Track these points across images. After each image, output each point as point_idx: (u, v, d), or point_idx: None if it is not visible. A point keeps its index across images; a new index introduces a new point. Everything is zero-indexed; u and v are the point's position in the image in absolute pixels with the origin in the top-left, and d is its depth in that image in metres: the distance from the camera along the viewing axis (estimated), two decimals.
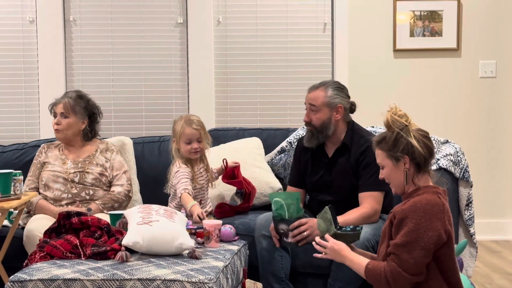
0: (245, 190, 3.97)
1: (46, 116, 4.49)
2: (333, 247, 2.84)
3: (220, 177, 4.00)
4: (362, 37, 5.07)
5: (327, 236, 2.89)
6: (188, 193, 3.64)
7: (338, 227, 2.93)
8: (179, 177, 3.72)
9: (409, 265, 2.61)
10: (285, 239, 3.34)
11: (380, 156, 2.78)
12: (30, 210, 3.95)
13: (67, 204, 3.90)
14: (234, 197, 4.11)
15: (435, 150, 2.79)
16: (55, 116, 4.02)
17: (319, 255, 2.93)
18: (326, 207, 3.00)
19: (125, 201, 3.99)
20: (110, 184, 4.05)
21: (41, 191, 3.98)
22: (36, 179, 4.01)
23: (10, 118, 5.05)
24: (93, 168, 4.01)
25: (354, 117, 3.74)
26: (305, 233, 3.30)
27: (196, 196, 3.78)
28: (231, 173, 3.95)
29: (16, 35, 5.04)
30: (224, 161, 3.93)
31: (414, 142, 2.69)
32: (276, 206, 3.31)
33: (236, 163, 3.95)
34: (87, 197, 3.96)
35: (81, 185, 3.96)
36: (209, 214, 3.86)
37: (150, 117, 5.10)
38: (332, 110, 3.59)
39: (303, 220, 3.31)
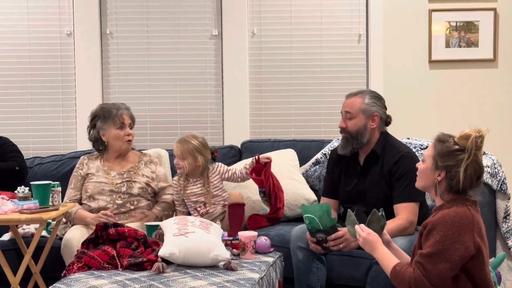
0: (267, 190, 3.96)
1: (83, 128, 4.55)
2: (368, 237, 2.85)
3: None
4: (397, 48, 5.04)
5: (362, 226, 2.91)
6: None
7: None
8: None
9: (433, 275, 2.60)
10: (324, 244, 3.33)
11: (429, 151, 2.77)
12: (69, 221, 3.99)
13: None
14: (263, 205, 4.10)
15: (476, 189, 2.74)
16: (121, 128, 4.05)
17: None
18: (348, 210, 3.02)
19: (171, 210, 4.04)
20: (154, 194, 4.09)
21: (85, 202, 4.01)
22: (79, 191, 4.04)
23: (48, 130, 5.11)
24: (139, 178, 4.04)
25: (389, 128, 3.73)
26: (341, 245, 3.29)
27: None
28: (260, 169, 3.95)
29: (54, 48, 5.10)
30: (256, 156, 3.94)
31: (461, 172, 2.67)
32: (309, 220, 3.30)
33: (268, 158, 3.95)
34: (132, 207, 3.99)
35: (127, 195, 3.99)
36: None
37: (185, 129, 5.11)
38: (368, 118, 3.59)
39: (340, 233, 3.29)
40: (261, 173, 3.91)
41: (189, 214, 4.00)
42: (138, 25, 5.13)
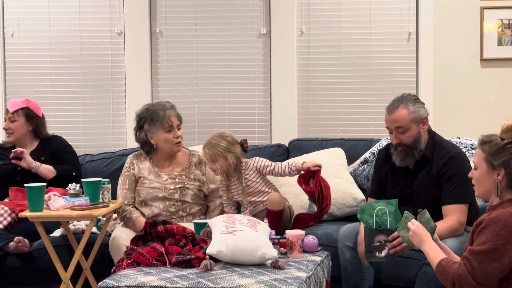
0: (317, 199, 3.93)
1: (132, 125, 4.58)
2: (417, 230, 2.82)
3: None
4: (447, 46, 4.97)
5: (413, 220, 2.88)
6: None
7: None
8: None
9: (478, 273, 2.56)
10: (377, 253, 3.25)
11: (478, 156, 2.72)
12: (123, 220, 4.00)
13: None
14: (312, 204, 4.09)
15: None
16: (169, 130, 4.04)
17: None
18: (404, 214, 2.98)
19: (223, 212, 4.04)
20: (205, 197, 4.09)
21: (137, 205, 4.03)
22: (133, 192, 4.05)
23: (98, 128, 5.19)
24: (191, 184, 4.04)
25: (440, 127, 3.68)
26: (404, 243, 3.23)
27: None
28: (309, 175, 3.92)
29: (104, 47, 5.18)
30: (305, 165, 3.91)
31: None
32: (380, 213, 3.23)
33: (318, 166, 3.90)
34: (184, 214, 4.00)
35: (180, 202, 4.00)
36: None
37: (233, 127, 5.13)
38: (419, 124, 3.53)
39: (396, 234, 3.24)
40: (309, 180, 3.87)
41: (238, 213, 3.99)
42: (187, 23, 5.17)
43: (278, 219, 3.78)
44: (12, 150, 4.21)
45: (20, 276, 4.00)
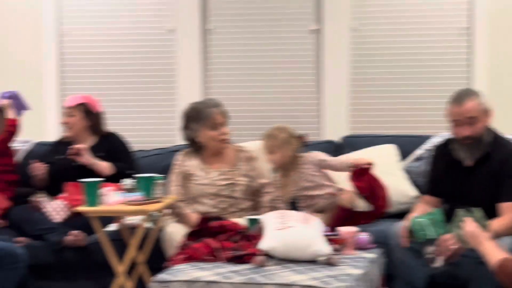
0: (368, 197, 3.91)
1: None
2: (474, 231, 2.79)
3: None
4: (504, 42, 4.88)
5: (467, 219, 2.86)
6: None
7: None
8: None
9: None
10: (433, 264, 3.23)
11: None
12: (176, 216, 4.04)
13: None
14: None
15: None
16: (214, 128, 4.07)
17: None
18: (456, 213, 2.95)
19: (276, 208, 4.03)
20: (255, 193, 4.10)
21: (188, 202, 4.05)
22: (184, 189, 4.09)
23: (151, 124, 5.24)
24: (240, 179, 4.06)
25: (495, 125, 3.62)
26: (453, 246, 3.20)
27: None
28: (360, 172, 3.90)
29: (156, 43, 5.22)
30: (357, 163, 3.90)
31: None
32: (420, 227, 3.23)
33: (369, 164, 3.89)
34: (235, 210, 4.02)
35: (231, 198, 4.02)
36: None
37: (284, 123, 5.13)
38: (487, 116, 3.49)
39: (446, 236, 3.22)
40: (362, 176, 3.86)
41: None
42: (238, 20, 5.18)
43: (346, 217, 3.78)
44: (71, 147, 4.29)
45: (77, 269, 4.08)
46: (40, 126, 5.14)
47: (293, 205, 3.97)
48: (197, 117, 4.08)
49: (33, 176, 4.38)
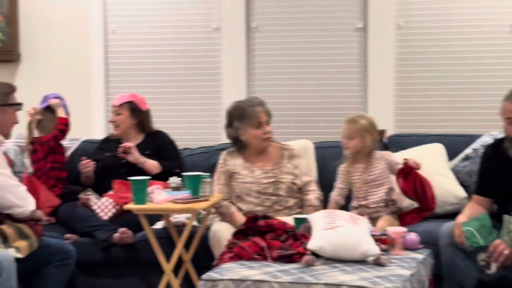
0: (416, 199, 3.87)
1: None
2: None
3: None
4: None
5: None
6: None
7: None
8: None
9: None
10: (487, 271, 3.20)
11: None
12: (220, 214, 4.07)
13: None
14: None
15: None
16: (258, 127, 4.08)
17: None
18: (505, 219, 2.90)
19: (320, 206, 4.03)
20: (300, 191, 4.10)
21: (233, 200, 4.07)
22: (229, 188, 4.11)
23: (196, 122, 5.27)
24: (285, 177, 4.06)
25: None
26: (505, 251, 3.15)
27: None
28: (407, 171, 3.85)
29: (201, 42, 5.24)
30: (404, 160, 3.87)
31: None
32: (470, 235, 3.20)
33: (417, 164, 3.85)
34: (280, 208, 4.02)
35: (275, 196, 4.03)
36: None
37: (328, 122, 5.11)
38: None
39: (497, 241, 3.17)
40: (408, 176, 3.82)
41: (346, 205, 3.98)
42: (283, 18, 5.17)
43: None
44: (120, 145, 4.34)
45: (124, 266, 4.12)
46: (87, 124, 5.19)
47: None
48: (241, 115, 4.10)
49: (81, 173, 4.45)
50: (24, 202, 3.40)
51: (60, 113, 4.47)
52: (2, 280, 3.12)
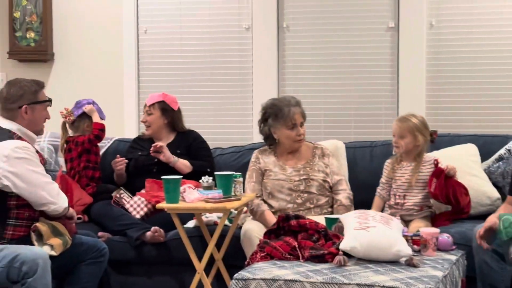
0: (444, 199, 3.84)
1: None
2: None
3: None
4: None
5: None
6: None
7: None
8: None
9: None
10: None
11: None
12: (251, 213, 4.08)
13: None
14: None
15: None
16: (292, 127, 4.07)
17: None
18: None
19: (351, 206, 4.03)
20: (331, 189, 4.10)
21: (264, 198, 4.10)
22: (261, 185, 4.13)
23: (226, 122, 5.28)
24: (316, 175, 4.07)
25: None
26: None
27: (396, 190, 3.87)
28: (439, 173, 3.84)
29: (233, 41, 5.25)
30: (435, 161, 3.86)
31: None
32: (508, 224, 3.17)
33: (447, 167, 3.83)
34: (312, 206, 4.03)
35: (307, 194, 4.03)
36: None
37: (359, 122, 5.10)
38: None
39: None
40: (440, 176, 3.80)
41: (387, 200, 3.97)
42: (314, 18, 5.16)
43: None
44: (152, 145, 4.37)
45: (156, 264, 4.15)
46: (120, 123, 5.23)
47: (394, 197, 3.93)
48: (276, 114, 4.10)
49: (114, 171, 4.49)
50: (58, 199, 3.44)
51: (95, 118, 4.50)
52: (37, 277, 3.15)
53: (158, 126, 4.53)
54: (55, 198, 3.42)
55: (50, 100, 3.62)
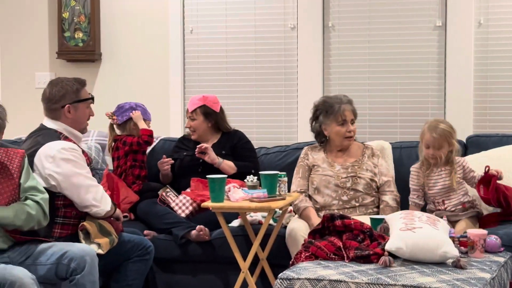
0: (498, 206, 3.80)
1: (304, 119, 4.63)
2: None
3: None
4: None
5: None
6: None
7: None
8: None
9: None
10: None
11: None
12: (295, 212, 4.09)
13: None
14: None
15: None
16: (342, 124, 4.09)
17: None
18: None
19: (397, 207, 4.01)
20: (378, 190, 4.08)
21: (310, 193, 4.10)
22: (307, 181, 4.13)
23: (271, 121, 5.28)
24: (364, 173, 4.05)
25: None
26: None
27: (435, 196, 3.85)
28: (488, 179, 3.79)
29: (278, 41, 5.25)
30: (487, 168, 3.81)
31: None
32: None
33: (497, 172, 3.78)
34: (357, 204, 4.01)
35: (353, 191, 4.02)
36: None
37: (405, 121, 5.05)
38: None
39: None
40: (489, 184, 3.75)
41: (424, 208, 3.93)
42: (359, 17, 5.13)
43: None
44: (197, 146, 4.39)
45: (201, 263, 4.17)
46: (166, 123, 5.28)
47: (434, 205, 3.90)
48: (327, 110, 4.12)
49: (160, 170, 4.52)
50: (101, 202, 3.46)
51: (142, 125, 4.52)
52: (85, 273, 3.19)
53: (202, 130, 4.55)
54: (98, 202, 3.45)
55: (92, 98, 3.65)
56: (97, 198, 3.44)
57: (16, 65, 5.56)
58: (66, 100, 3.52)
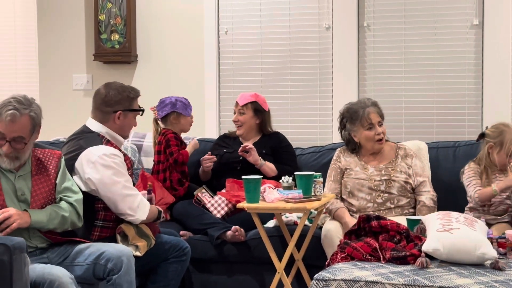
0: None
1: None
2: None
3: None
4: None
5: None
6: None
7: None
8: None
9: None
10: None
11: None
12: (328, 213, 4.08)
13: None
14: None
15: None
16: (370, 128, 4.07)
17: None
18: None
19: (434, 207, 3.98)
20: (413, 191, 4.05)
21: (344, 197, 4.09)
22: (339, 184, 4.12)
23: (306, 121, 5.28)
24: (398, 176, 4.03)
25: None
26: None
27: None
28: None
29: (313, 41, 5.24)
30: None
31: None
32: None
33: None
34: (392, 206, 3.99)
35: (387, 194, 4.00)
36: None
37: (441, 121, 5.01)
38: None
39: None
40: None
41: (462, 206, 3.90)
42: (395, 16, 5.10)
43: None
44: (242, 145, 4.41)
45: (237, 263, 4.18)
46: (201, 124, 5.30)
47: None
48: (352, 117, 4.11)
49: (202, 166, 4.52)
50: (136, 212, 3.47)
51: (189, 148, 4.52)
52: (122, 274, 3.22)
53: (249, 125, 4.57)
54: (133, 211, 3.46)
55: (142, 110, 3.69)
56: (132, 207, 3.45)
57: (54, 67, 5.64)
58: (119, 106, 3.56)
